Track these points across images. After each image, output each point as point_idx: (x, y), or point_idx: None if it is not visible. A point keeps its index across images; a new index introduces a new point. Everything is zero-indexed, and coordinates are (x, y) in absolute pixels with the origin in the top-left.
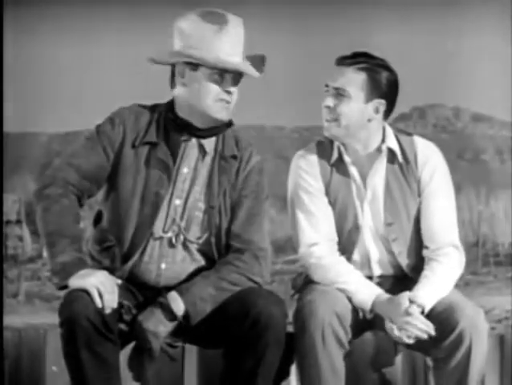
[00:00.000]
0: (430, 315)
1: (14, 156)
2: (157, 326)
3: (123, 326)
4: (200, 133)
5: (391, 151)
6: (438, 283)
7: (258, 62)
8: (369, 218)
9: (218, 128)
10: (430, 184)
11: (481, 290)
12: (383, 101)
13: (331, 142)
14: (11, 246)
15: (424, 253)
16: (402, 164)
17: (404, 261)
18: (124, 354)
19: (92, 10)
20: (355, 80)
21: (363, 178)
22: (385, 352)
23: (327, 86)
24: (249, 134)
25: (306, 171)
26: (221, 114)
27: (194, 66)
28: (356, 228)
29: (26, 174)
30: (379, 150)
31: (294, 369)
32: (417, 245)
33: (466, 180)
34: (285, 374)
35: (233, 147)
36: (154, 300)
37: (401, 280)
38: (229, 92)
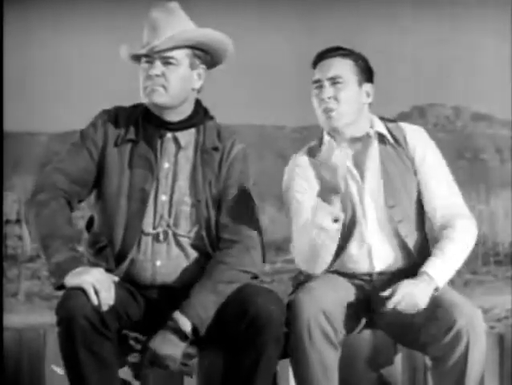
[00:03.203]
0: (428, 314)
1: (14, 156)
2: (172, 349)
3: (134, 359)
4: (172, 126)
5: (380, 136)
6: (449, 262)
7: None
8: (371, 209)
9: (191, 121)
10: (425, 162)
11: (480, 290)
12: (369, 85)
13: (320, 144)
14: (11, 246)
15: (435, 230)
16: (394, 145)
17: (411, 243)
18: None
19: (93, 10)
20: (345, 66)
21: (359, 168)
22: (384, 351)
23: (317, 81)
24: (249, 134)
25: (300, 175)
26: (149, 98)
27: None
28: (353, 222)
29: (25, 174)
30: (368, 136)
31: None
32: (420, 226)
33: (466, 179)
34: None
35: (215, 138)
36: (156, 314)
37: (400, 279)
38: (150, 77)
